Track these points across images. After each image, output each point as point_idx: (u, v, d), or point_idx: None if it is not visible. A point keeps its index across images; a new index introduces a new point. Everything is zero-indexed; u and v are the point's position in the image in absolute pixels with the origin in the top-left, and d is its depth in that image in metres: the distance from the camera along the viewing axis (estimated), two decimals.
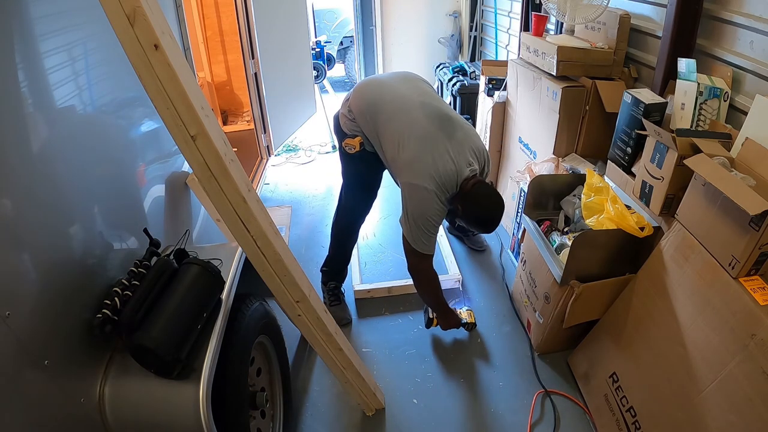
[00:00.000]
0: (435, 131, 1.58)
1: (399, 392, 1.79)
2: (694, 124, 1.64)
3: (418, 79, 1.88)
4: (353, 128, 1.79)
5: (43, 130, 0.97)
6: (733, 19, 1.61)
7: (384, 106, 1.69)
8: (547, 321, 1.80)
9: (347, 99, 1.85)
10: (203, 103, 1.01)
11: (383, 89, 1.76)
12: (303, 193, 3.27)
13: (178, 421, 1.01)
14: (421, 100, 1.69)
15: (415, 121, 1.61)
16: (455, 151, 1.57)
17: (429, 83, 1.91)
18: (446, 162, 1.55)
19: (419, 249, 1.65)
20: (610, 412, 1.56)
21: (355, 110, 1.77)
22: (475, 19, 4.19)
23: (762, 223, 1.15)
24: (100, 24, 0.92)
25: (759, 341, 1.13)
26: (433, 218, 1.59)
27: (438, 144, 1.57)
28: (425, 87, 1.82)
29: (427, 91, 1.79)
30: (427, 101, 1.69)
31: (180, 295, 1.08)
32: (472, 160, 1.61)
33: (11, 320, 0.80)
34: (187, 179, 1.65)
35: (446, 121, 1.63)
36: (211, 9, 3.85)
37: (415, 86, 1.79)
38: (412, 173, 1.56)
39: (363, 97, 1.78)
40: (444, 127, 1.61)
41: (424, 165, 1.54)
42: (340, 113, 1.87)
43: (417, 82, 1.84)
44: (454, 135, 1.60)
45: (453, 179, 1.56)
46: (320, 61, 5.85)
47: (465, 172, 1.57)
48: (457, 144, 1.59)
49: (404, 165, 1.59)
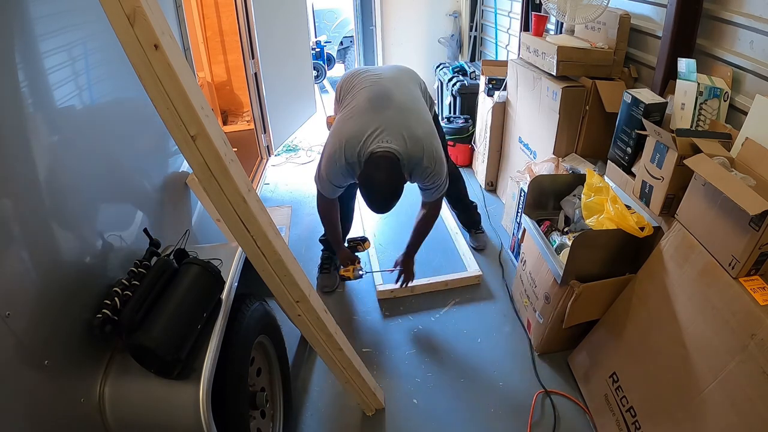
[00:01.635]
0: (366, 106, 1.71)
1: (399, 392, 1.79)
2: (694, 124, 1.64)
3: (405, 69, 2.00)
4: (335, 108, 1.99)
5: (43, 130, 0.97)
6: (733, 19, 1.61)
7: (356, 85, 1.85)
8: (547, 321, 1.80)
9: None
10: (203, 103, 1.01)
11: (367, 73, 1.90)
12: (303, 193, 3.27)
13: (178, 421, 1.01)
14: (376, 80, 1.82)
15: (358, 96, 1.77)
16: (374, 127, 1.63)
17: (416, 76, 1.99)
18: (357, 132, 1.64)
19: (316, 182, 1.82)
20: (610, 412, 1.56)
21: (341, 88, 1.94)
22: (475, 19, 4.19)
23: (762, 223, 1.15)
24: (100, 24, 0.92)
25: (759, 341, 1.13)
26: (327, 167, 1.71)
27: (363, 116, 1.68)
28: (404, 76, 1.93)
29: (399, 78, 1.89)
30: (382, 83, 1.81)
31: (180, 295, 1.08)
32: (390, 140, 1.61)
33: (11, 320, 0.80)
34: (187, 179, 1.65)
35: (384, 101, 1.72)
36: (211, 9, 3.85)
37: (395, 73, 1.92)
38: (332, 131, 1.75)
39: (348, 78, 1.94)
40: (376, 105, 1.70)
41: (340, 129, 1.69)
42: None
43: (403, 72, 1.96)
44: (383, 113, 1.67)
45: (355, 148, 1.63)
46: (320, 61, 5.86)
47: (371, 146, 1.61)
48: (383, 122, 1.64)
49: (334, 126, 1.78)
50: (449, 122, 3.43)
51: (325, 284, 2.30)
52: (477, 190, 3.20)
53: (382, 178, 1.58)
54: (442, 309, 2.19)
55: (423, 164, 1.66)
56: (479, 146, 3.26)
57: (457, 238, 2.65)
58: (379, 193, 1.63)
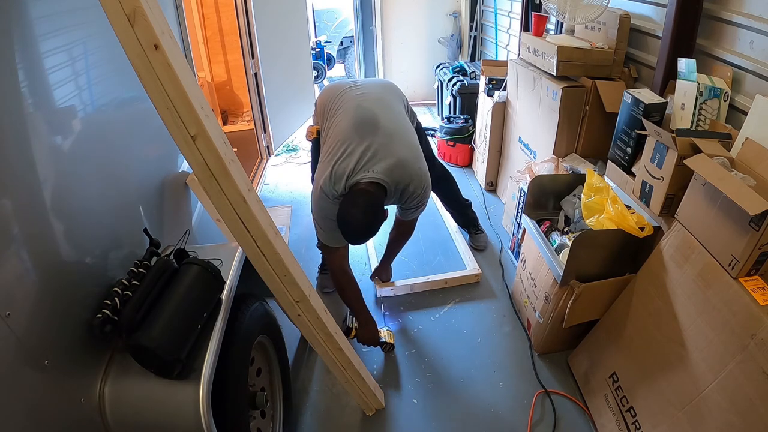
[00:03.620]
0: (352, 133, 1.63)
1: (399, 392, 1.79)
2: (694, 124, 1.64)
3: (389, 86, 1.94)
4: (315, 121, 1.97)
5: (43, 130, 0.97)
6: (733, 19, 1.61)
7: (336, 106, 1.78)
8: (547, 321, 1.80)
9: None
10: (203, 103, 1.01)
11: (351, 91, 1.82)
12: (303, 193, 3.27)
13: (178, 422, 1.01)
14: (360, 103, 1.74)
15: (342, 121, 1.69)
16: (359, 155, 1.57)
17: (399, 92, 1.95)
18: (345, 164, 1.57)
19: (321, 239, 1.75)
20: (610, 412, 1.57)
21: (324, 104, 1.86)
22: (475, 19, 4.19)
23: (762, 223, 1.15)
24: (100, 24, 0.92)
25: (759, 341, 1.13)
26: (321, 212, 1.65)
27: (349, 145, 1.60)
28: (388, 94, 1.86)
29: (383, 98, 1.81)
30: (366, 105, 1.73)
31: (180, 295, 1.08)
32: (377, 169, 1.56)
33: (11, 320, 0.80)
34: (187, 179, 1.65)
35: (370, 126, 1.64)
36: (211, 9, 3.86)
37: (380, 91, 1.86)
38: (318, 171, 1.66)
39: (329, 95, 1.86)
40: (362, 132, 1.63)
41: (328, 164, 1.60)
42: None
43: (386, 89, 1.90)
44: (369, 139, 1.60)
45: (340, 181, 1.56)
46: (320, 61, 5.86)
47: (356, 176, 1.55)
48: (369, 149, 1.58)
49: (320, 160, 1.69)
50: (449, 122, 3.43)
51: (325, 284, 2.31)
52: (477, 190, 3.20)
53: (358, 215, 1.51)
54: (442, 309, 2.19)
55: (410, 189, 1.64)
56: (479, 146, 3.26)
57: (456, 237, 2.65)
58: (353, 229, 1.56)
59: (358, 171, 1.56)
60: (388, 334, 1.92)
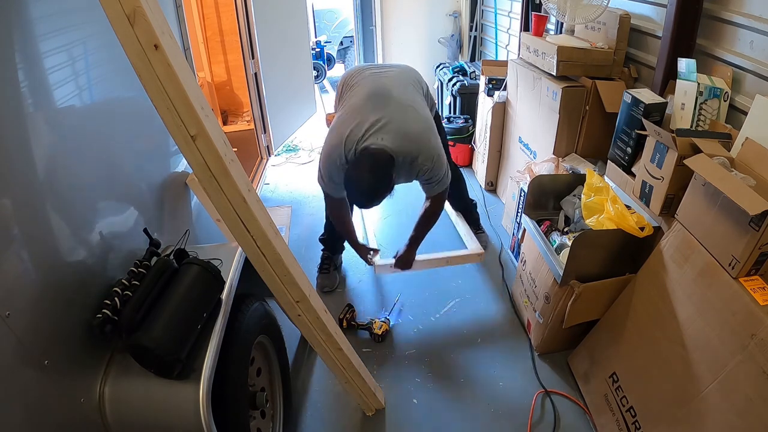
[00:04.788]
0: (365, 102, 1.72)
1: (399, 392, 1.79)
2: (694, 124, 1.64)
3: (409, 70, 2.00)
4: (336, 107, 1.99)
5: (43, 129, 0.97)
6: (733, 19, 1.61)
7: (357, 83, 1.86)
8: (547, 321, 1.80)
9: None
10: (203, 103, 1.01)
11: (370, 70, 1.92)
12: (303, 193, 3.27)
13: (178, 422, 1.01)
14: (377, 79, 1.84)
15: (358, 93, 1.79)
16: (371, 123, 1.64)
17: (419, 77, 1.99)
18: (355, 129, 1.65)
19: (320, 183, 1.83)
20: (610, 412, 1.56)
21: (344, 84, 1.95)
22: (475, 19, 4.18)
23: (762, 223, 1.15)
24: (100, 24, 0.92)
25: (759, 341, 1.13)
26: (326, 166, 1.73)
27: (360, 113, 1.68)
28: (406, 76, 1.92)
29: (400, 77, 1.88)
30: (382, 81, 1.83)
31: (180, 295, 1.08)
32: (385, 137, 1.62)
33: (11, 320, 0.80)
34: (187, 179, 1.65)
35: (382, 97, 1.73)
36: (211, 9, 3.85)
37: (398, 71, 1.92)
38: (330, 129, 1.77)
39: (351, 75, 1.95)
40: (375, 102, 1.71)
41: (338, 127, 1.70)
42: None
43: (406, 71, 1.96)
44: (381, 110, 1.68)
45: (352, 144, 1.64)
46: (320, 61, 5.87)
47: (365, 142, 1.62)
48: (380, 118, 1.65)
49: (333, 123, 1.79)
50: (449, 122, 3.43)
51: (325, 284, 2.31)
52: (477, 190, 3.20)
53: (364, 175, 1.59)
54: (442, 309, 2.19)
55: (419, 161, 1.67)
56: (479, 146, 3.26)
57: (457, 221, 2.63)
58: (357, 189, 1.64)
59: (368, 137, 1.62)
60: (383, 325, 2.00)
